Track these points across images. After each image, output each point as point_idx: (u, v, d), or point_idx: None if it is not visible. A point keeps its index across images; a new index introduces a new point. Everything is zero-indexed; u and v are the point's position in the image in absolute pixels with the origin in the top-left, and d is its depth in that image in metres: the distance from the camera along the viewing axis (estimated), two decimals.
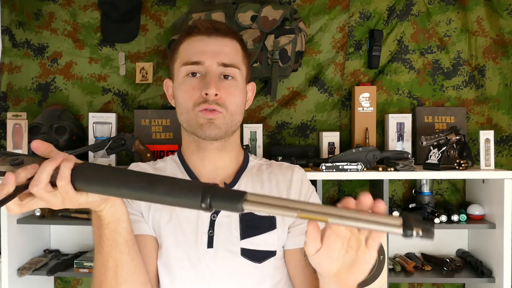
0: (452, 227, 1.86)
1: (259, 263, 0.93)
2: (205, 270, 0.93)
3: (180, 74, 0.96)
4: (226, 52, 0.94)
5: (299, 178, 1.02)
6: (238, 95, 0.96)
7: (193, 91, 0.93)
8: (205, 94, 0.91)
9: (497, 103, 2.09)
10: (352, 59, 2.12)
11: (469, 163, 1.83)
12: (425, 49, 2.12)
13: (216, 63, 0.93)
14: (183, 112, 0.95)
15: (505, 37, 2.07)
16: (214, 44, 0.94)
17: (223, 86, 0.93)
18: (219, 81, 0.93)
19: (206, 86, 0.91)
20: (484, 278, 1.83)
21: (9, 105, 2.14)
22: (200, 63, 0.93)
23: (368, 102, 2.01)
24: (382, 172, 1.78)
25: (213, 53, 0.93)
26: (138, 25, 2.13)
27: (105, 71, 2.14)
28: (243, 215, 0.95)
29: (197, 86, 0.93)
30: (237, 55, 0.97)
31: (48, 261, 1.95)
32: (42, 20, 2.13)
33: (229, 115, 0.94)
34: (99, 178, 0.64)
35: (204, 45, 0.94)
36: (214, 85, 0.91)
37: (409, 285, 2.15)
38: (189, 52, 0.95)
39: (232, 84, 0.95)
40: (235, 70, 0.95)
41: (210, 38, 0.94)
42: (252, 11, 1.95)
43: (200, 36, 0.95)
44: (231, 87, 0.94)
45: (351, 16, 2.11)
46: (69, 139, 1.94)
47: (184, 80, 0.95)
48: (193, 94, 0.93)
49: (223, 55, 0.94)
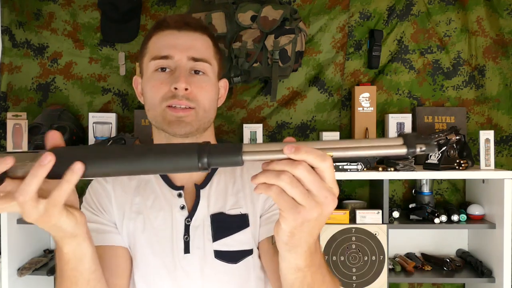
0: (452, 227, 1.87)
1: (235, 264, 0.91)
2: (182, 276, 0.91)
3: (148, 69, 0.91)
4: (196, 46, 0.91)
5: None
6: (210, 90, 0.92)
7: (162, 85, 0.88)
8: (174, 89, 0.87)
9: (497, 103, 2.09)
10: (352, 59, 2.12)
11: (469, 163, 1.83)
12: (425, 49, 2.12)
13: (186, 57, 0.89)
14: (150, 108, 0.91)
15: (505, 37, 2.07)
16: (184, 38, 0.90)
17: (194, 80, 0.89)
18: (189, 76, 0.89)
19: (175, 80, 0.86)
20: (484, 278, 1.83)
21: (9, 105, 2.14)
22: (169, 57, 0.89)
23: (368, 102, 2.01)
24: (382, 172, 1.78)
25: (183, 47, 0.89)
26: (138, 25, 2.13)
27: (105, 71, 2.14)
28: (214, 217, 0.92)
29: (165, 80, 0.88)
30: (208, 50, 0.93)
31: (48, 261, 1.95)
32: (42, 20, 2.13)
33: (202, 110, 0.89)
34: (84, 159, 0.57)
35: (174, 39, 0.90)
36: (184, 79, 0.86)
37: (409, 285, 2.15)
38: (158, 46, 0.91)
39: (203, 79, 0.91)
40: (206, 65, 0.91)
41: (180, 33, 0.91)
42: (252, 11, 1.95)
43: (169, 30, 0.91)
44: (202, 82, 0.90)
45: (351, 16, 2.11)
46: (69, 139, 1.94)
47: (153, 75, 0.90)
48: (161, 88, 0.88)
49: (193, 49, 0.90)
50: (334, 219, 1.81)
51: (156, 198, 0.95)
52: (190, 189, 0.96)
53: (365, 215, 1.81)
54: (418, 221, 1.87)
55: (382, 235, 1.80)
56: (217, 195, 0.95)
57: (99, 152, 0.58)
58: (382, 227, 1.81)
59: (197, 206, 0.93)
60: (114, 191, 0.96)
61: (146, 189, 0.97)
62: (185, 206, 0.93)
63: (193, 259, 0.91)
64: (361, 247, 1.81)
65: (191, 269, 0.91)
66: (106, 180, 0.98)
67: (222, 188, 0.96)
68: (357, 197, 2.12)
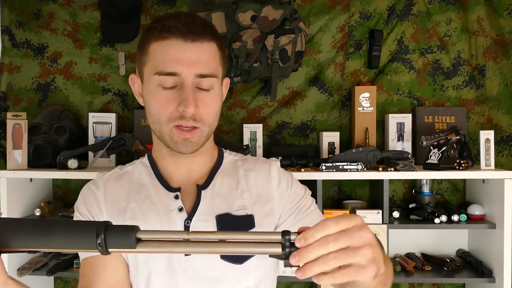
0: (452, 227, 1.86)
1: (240, 264, 0.91)
2: (184, 279, 0.90)
3: (152, 82, 0.87)
4: (203, 60, 0.86)
5: (277, 172, 0.98)
6: (215, 105, 0.90)
7: (167, 103, 0.85)
8: (182, 111, 0.84)
9: (497, 103, 2.09)
10: (352, 59, 2.12)
11: (469, 163, 1.83)
12: (425, 49, 2.12)
13: (194, 74, 0.85)
14: (156, 122, 0.88)
15: (505, 37, 2.07)
16: (191, 51, 0.85)
17: (200, 98, 0.86)
18: (196, 92, 0.86)
19: (183, 103, 0.83)
20: (484, 278, 1.83)
21: (9, 105, 2.14)
22: (175, 74, 0.84)
23: (368, 102, 2.01)
24: (382, 172, 1.78)
25: (190, 63, 0.84)
26: (138, 25, 2.13)
27: (105, 71, 2.14)
28: (220, 218, 0.91)
29: (171, 98, 0.85)
30: (214, 59, 0.89)
31: (48, 261, 1.95)
32: (42, 20, 2.13)
33: (207, 128, 0.89)
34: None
35: (180, 53, 0.84)
36: (192, 102, 0.83)
37: (409, 285, 2.15)
38: (163, 59, 0.85)
39: (210, 95, 0.88)
40: (213, 79, 0.87)
41: (186, 44, 0.85)
42: (252, 11, 1.95)
43: (174, 39, 0.85)
44: (208, 100, 0.87)
45: (351, 16, 2.11)
46: (69, 139, 1.94)
47: (157, 90, 0.86)
48: (167, 107, 0.85)
49: (200, 64, 0.85)
50: None
51: (151, 202, 0.93)
52: (189, 190, 0.95)
53: (365, 215, 1.81)
54: (418, 221, 1.87)
55: (382, 235, 1.80)
56: (222, 196, 0.94)
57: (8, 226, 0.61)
58: (382, 227, 1.81)
59: (197, 206, 0.92)
60: (105, 198, 0.95)
61: (141, 193, 0.95)
62: (183, 208, 0.92)
63: (195, 260, 0.90)
64: None
65: (193, 271, 0.90)
66: (98, 187, 0.97)
67: (226, 189, 0.95)
68: (357, 197, 2.12)
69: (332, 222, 0.57)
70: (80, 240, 0.58)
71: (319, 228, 0.56)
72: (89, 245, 0.57)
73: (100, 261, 0.91)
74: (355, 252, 0.56)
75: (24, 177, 1.86)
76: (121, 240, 0.57)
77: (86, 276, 0.92)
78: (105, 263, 0.91)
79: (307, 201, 0.98)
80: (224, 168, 0.99)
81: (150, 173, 0.98)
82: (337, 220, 0.57)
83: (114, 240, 0.57)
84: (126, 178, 0.98)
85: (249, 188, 0.96)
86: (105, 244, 0.57)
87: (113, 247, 0.58)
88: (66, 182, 2.13)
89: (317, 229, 0.56)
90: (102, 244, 0.57)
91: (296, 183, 1.00)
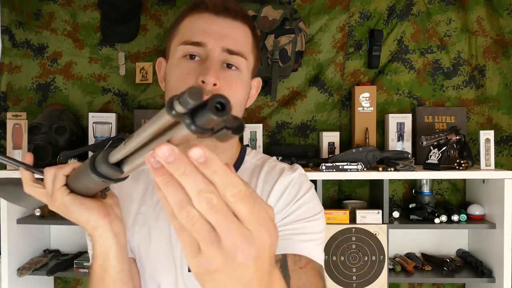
0: (452, 227, 1.86)
1: None
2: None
3: (176, 54, 0.81)
4: (234, 36, 0.80)
5: (284, 184, 0.86)
6: (240, 88, 0.81)
7: (188, 75, 0.78)
8: (201, 82, 0.76)
9: (497, 103, 2.09)
10: (352, 59, 2.12)
11: (469, 163, 1.83)
12: (425, 49, 2.12)
13: (221, 47, 0.78)
14: None
15: (505, 37, 2.07)
16: (221, 25, 0.80)
17: (224, 75, 0.79)
18: (221, 69, 0.79)
19: (204, 72, 0.76)
20: (484, 278, 1.83)
21: (9, 105, 2.14)
22: (201, 45, 0.78)
23: (368, 102, 2.01)
24: (382, 172, 1.78)
25: (219, 36, 0.78)
26: (138, 25, 2.13)
27: (105, 71, 2.14)
28: None
29: (193, 70, 0.78)
30: (246, 42, 0.82)
31: (48, 261, 1.95)
32: (42, 20, 2.13)
33: None
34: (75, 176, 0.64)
35: (210, 25, 0.79)
36: (214, 73, 0.76)
37: (409, 285, 2.15)
38: (191, 30, 0.80)
39: (235, 75, 0.80)
40: (241, 59, 0.80)
41: (218, 18, 0.80)
42: (252, 11, 1.95)
43: (206, 13, 0.80)
44: (233, 79, 0.80)
45: (351, 16, 2.11)
46: (69, 139, 1.94)
47: (180, 61, 0.80)
48: (187, 79, 0.78)
49: (230, 39, 0.79)
50: (334, 219, 1.81)
51: (162, 208, 0.86)
52: None
53: (365, 215, 1.81)
54: (418, 221, 1.87)
55: (382, 235, 1.80)
56: None
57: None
58: (382, 227, 1.81)
59: None
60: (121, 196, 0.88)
61: (154, 196, 0.89)
62: None
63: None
64: (361, 247, 1.81)
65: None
66: (113, 186, 0.91)
67: None
68: (357, 197, 2.12)
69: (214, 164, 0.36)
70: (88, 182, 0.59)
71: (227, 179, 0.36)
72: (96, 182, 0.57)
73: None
74: (212, 244, 0.37)
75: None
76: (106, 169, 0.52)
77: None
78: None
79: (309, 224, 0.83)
80: (241, 174, 0.87)
81: None
82: (240, 206, 0.37)
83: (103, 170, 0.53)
84: (143, 178, 0.92)
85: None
86: (102, 175, 0.53)
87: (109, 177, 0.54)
88: None
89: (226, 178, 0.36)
90: (96, 172, 0.54)
91: (307, 199, 0.86)
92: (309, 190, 0.88)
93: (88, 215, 0.67)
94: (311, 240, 0.82)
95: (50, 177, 0.67)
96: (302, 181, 0.89)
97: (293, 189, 0.86)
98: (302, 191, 0.87)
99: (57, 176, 0.67)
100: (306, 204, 0.86)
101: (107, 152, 0.51)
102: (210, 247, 0.37)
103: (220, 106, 0.33)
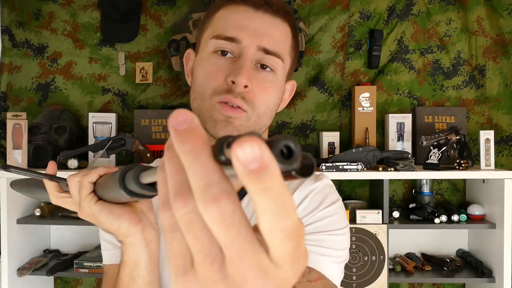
0: (452, 227, 1.86)
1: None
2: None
3: (206, 48, 0.74)
4: (272, 34, 0.73)
5: (303, 193, 0.81)
6: (273, 92, 0.75)
7: (217, 73, 0.72)
8: (231, 82, 0.70)
9: (497, 103, 2.09)
10: (352, 59, 2.12)
11: (469, 163, 1.83)
12: (425, 49, 2.12)
13: (257, 46, 0.72)
14: (198, 97, 0.74)
15: (505, 37, 2.07)
16: (260, 21, 0.73)
17: (257, 77, 0.72)
18: (254, 70, 0.72)
19: (235, 72, 0.69)
20: (484, 278, 1.83)
21: (9, 105, 2.14)
22: (235, 41, 0.72)
23: (368, 102, 2.01)
24: (382, 172, 1.78)
25: (256, 33, 0.72)
26: (138, 25, 2.13)
27: (105, 71, 2.14)
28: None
29: (224, 68, 0.72)
30: (285, 42, 0.76)
31: (48, 261, 1.95)
32: (42, 20, 2.13)
33: (255, 116, 0.73)
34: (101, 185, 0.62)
35: (247, 19, 0.73)
36: (247, 73, 0.70)
37: (409, 285, 2.15)
38: (226, 23, 0.73)
39: (269, 78, 0.74)
40: (278, 60, 0.74)
41: (257, 13, 0.73)
42: None
43: (244, 6, 0.73)
44: (266, 81, 0.73)
45: (351, 16, 2.11)
46: (69, 139, 1.94)
47: (210, 57, 0.73)
48: (216, 77, 0.72)
49: (267, 37, 0.72)
50: None
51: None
52: None
53: (365, 215, 1.81)
54: (418, 221, 1.87)
55: (382, 235, 1.80)
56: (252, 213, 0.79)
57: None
58: (382, 227, 1.81)
59: None
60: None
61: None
62: None
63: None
64: (361, 247, 1.81)
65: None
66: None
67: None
68: (357, 197, 2.12)
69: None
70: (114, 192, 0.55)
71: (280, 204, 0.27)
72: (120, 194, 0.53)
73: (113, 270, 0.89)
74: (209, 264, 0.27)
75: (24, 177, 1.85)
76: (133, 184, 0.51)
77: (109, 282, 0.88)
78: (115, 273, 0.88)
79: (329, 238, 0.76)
80: None
81: None
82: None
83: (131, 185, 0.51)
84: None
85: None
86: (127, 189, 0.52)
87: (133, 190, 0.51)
88: None
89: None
90: (126, 190, 0.52)
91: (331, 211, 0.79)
92: (335, 202, 0.81)
93: (119, 223, 0.62)
94: (328, 256, 0.74)
95: (76, 186, 0.63)
96: (327, 192, 0.82)
97: (314, 199, 0.80)
98: (326, 202, 0.80)
99: (82, 184, 0.62)
100: (329, 216, 0.79)
101: (138, 171, 0.49)
102: (207, 265, 0.26)
103: (287, 151, 0.26)
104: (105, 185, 0.59)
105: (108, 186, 0.57)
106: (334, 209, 0.80)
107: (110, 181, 0.57)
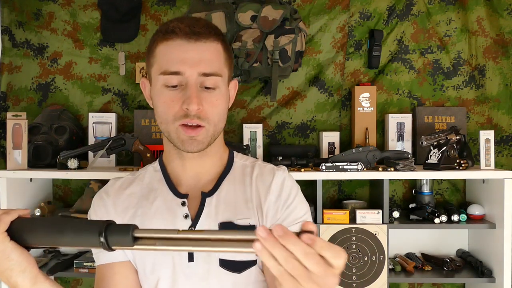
0: (452, 227, 1.86)
1: (238, 273, 0.91)
2: (187, 285, 0.91)
3: (158, 82, 0.89)
4: (207, 59, 0.87)
5: (279, 184, 0.96)
6: (221, 104, 0.90)
7: (173, 103, 0.87)
8: (186, 109, 0.86)
9: (497, 103, 2.09)
10: (352, 59, 2.12)
11: (469, 163, 1.83)
12: (425, 49, 2.12)
13: (197, 73, 0.86)
14: (163, 122, 0.90)
15: (505, 37, 2.07)
16: (194, 51, 0.86)
17: (205, 97, 0.87)
18: (200, 92, 0.87)
19: (187, 101, 0.85)
20: (484, 278, 1.83)
21: (9, 105, 2.14)
22: (179, 73, 0.86)
23: (368, 102, 2.01)
24: (382, 172, 1.78)
25: (193, 62, 0.86)
26: (138, 25, 2.13)
27: (105, 71, 2.14)
28: (222, 225, 0.91)
29: (176, 98, 0.87)
30: (219, 59, 0.90)
31: (48, 261, 1.95)
32: (42, 20, 2.13)
33: (212, 127, 0.89)
34: (28, 230, 0.67)
35: (183, 52, 0.86)
36: (196, 100, 0.85)
37: (409, 285, 2.15)
38: (167, 59, 0.87)
39: (215, 94, 0.89)
40: (217, 78, 0.88)
41: (190, 44, 0.86)
42: (252, 11, 1.95)
43: (178, 40, 0.87)
44: (213, 98, 0.88)
45: (351, 16, 2.11)
46: (69, 139, 1.94)
47: (163, 90, 0.88)
48: (172, 106, 0.87)
49: (203, 63, 0.86)
50: (334, 219, 1.81)
51: (158, 207, 0.94)
52: (196, 195, 0.95)
53: (365, 215, 1.81)
54: (418, 221, 1.87)
55: (382, 235, 1.80)
56: (226, 203, 0.93)
57: (30, 225, 0.67)
58: (382, 227, 1.81)
59: (201, 214, 0.92)
60: (114, 206, 0.96)
61: (149, 198, 0.96)
62: (189, 215, 0.92)
63: (197, 267, 0.91)
64: (361, 247, 1.81)
65: (195, 277, 0.91)
66: (108, 195, 0.98)
67: (232, 197, 0.94)
68: (357, 197, 2.12)
69: (320, 242, 0.53)
70: (86, 239, 0.62)
71: (306, 238, 0.53)
72: (94, 243, 0.61)
73: (110, 269, 0.93)
74: (311, 280, 0.53)
75: (24, 177, 1.86)
76: (120, 238, 0.60)
77: (98, 284, 0.94)
78: (114, 271, 0.92)
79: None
80: (233, 174, 0.98)
81: (160, 177, 0.99)
82: (325, 245, 0.53)
83: (115, 238, 0.60)
84: (137, 183, 1.00)
85: (252, 198, 0.94)
86: (107, 242, 0.60)
87: (115, 245, 0.61)
88: (66, 182, 2.12)
89: (299, 239, 0.53)
90: (104, 243, 0.60)
91: (298, 200, 0.96)
92: (298, 191, 0.98)
93: (26, 265, 0.69)
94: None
95: None
96: (292, 183, 0.98)
97: (286, 187, 0.96)
98: (293, 194, 0.96)
99: (2, 220, 0.67)
100: (298, 206, 0.95)
101: (131, 228, 0.60)
102: (307, 282, 0.53)
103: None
104: (52, 228, 0.65)
105: (63, 230, 0.64)
106: (300, 198, 0.97)
107: (67, 226, 0.64)
